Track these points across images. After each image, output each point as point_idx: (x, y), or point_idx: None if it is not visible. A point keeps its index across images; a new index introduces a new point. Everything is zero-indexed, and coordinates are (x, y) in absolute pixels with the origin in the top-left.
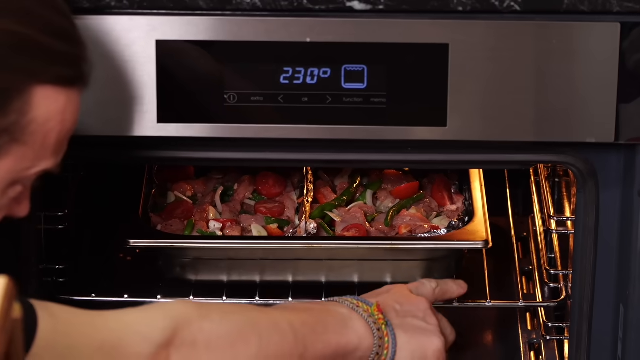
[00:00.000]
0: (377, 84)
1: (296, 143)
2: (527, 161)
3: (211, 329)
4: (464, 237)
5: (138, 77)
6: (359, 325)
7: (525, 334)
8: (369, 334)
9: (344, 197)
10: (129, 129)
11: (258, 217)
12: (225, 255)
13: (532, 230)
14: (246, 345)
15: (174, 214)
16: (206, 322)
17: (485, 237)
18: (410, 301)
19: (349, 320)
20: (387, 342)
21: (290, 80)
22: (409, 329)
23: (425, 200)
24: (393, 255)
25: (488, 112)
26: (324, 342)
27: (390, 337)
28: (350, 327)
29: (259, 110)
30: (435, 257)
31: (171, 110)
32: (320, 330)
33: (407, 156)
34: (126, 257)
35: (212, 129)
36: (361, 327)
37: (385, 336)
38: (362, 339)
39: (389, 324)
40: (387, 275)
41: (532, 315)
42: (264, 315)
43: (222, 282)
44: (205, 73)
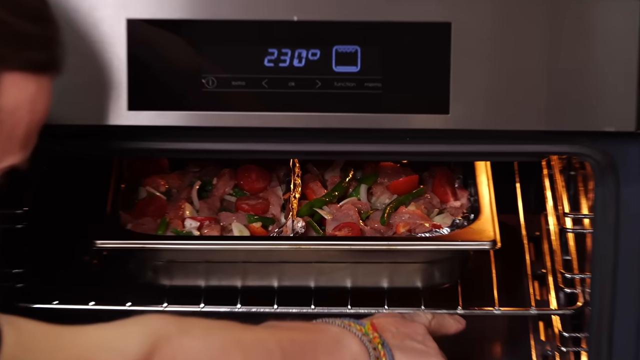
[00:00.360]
0: (371, 67)
1: (282, 132)
2: (539, 152)
3: (192, 345)
4: (469, 237)
5: (107, 60)
6: (353, 343)
7: (539, 346)
8: (364, 353)
9: (335, 192)
10: (96, 117)
11: (239, 214)
12: (202, 258)
13: (545, 229)
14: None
15: (146, 211)
16: (187, 338)
17: (493, 237)
18: (406, 325)
19: (341, 338)
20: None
21: (275, 63)
22: (407, 351)
23: (426, 196)
24: (390, 257)
25: (495, 98)
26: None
27: (387, 358)
28: (343, 345)
29: (241, 96)
30: (437, 259)
31: (143, 96)
32: (309, 348)
33: (405, 147)
34: (93, 260)
35: (189, 117)
36: (355, 346)
37: (383, 356)
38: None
39: (385, 343)
40: (384, 280)
41: (546, 325)
42: (249, 332)
43: (199, 288)
44: (181, 55)
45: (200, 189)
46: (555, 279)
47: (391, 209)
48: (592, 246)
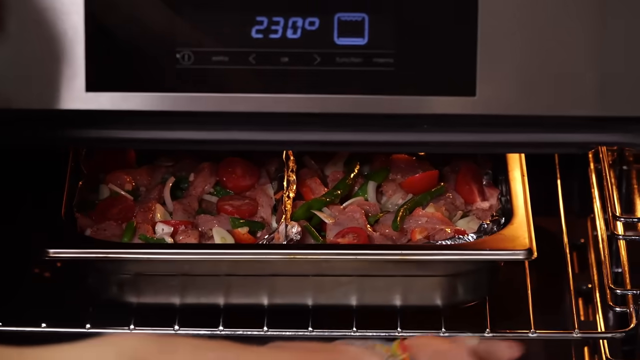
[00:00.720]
0: (381, 39)
1: (273, 118)
2: (585, 143)
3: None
4: (499, 246)
5: (60, 31)
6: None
7: None
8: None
9: (337, 191)
10: (46, 100)
11: (222, 218)
12: (177, 270)
13: (592, 235)
14: None
15: (109, 214)
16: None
17: (528, 245)
18: (445, 346)
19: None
20: None
21: (264, 34)
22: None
23: (448, 196)
24: (404, 270)
25: (531, 77)
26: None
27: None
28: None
29: (223, 74)
30: (461, 272)
31: (104, 75)
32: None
33: (422, 136)
34: (44, 273)
35: (160, 99)
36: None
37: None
38: None
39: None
40: (396, 297)
41: (592, 350)
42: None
43: (173, 306)
44: (150, 25)
45: (174, 187)
46: (604, 296)
47: (405, 211)
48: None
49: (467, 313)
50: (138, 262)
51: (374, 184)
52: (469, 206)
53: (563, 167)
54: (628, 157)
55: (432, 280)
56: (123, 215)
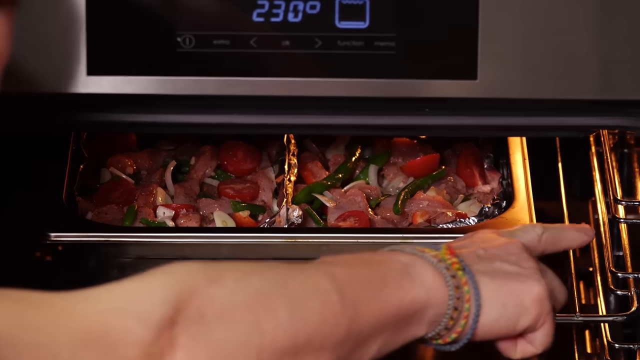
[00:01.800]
0: (383, 22)
1: (274, 102)
2: (586, 126)
3: (223, 297)
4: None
5: (61, 14)
6: (427, 273)
7: (584, 358)
8: (440, 283)
9: (338, 174)
10: (48, 84)
11: (223, 201)
12: (178, 254)
13: (593, 218)
14: (272, 315)
15: (110, 197)
16: (216, 288)
17: None
18: (498, 244)
19: (411, 268)
20: (467, 292)
21: (266, 17)
22: (496, 275)
23: (449, 179)
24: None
25: (532, 61)
26: (381, 300)
27: (470, 286)
28: (415, 277)
29: (224, 57)
30: None
31: (106, 58)
32: (375, 285)
33: (423, 120)
34: (45, 257)
35: (161, 83)
36: (429, 276)
37: (464, 284)
38: (432, 292)
39: (467, 269)
40: None
41: (593, 334)
42: (297, 273)
43: None
44: (151, 8)
45: (176, 171)
46: (605, 279)
47: (406, 194)
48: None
49: None
50: (139, 246)
51: (375, 168)
52: (470, 189)
53: (564, 150)
54: (629, 140)
55: None
56: (124, 199)
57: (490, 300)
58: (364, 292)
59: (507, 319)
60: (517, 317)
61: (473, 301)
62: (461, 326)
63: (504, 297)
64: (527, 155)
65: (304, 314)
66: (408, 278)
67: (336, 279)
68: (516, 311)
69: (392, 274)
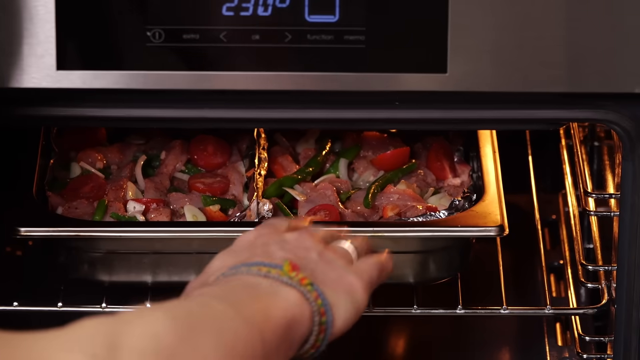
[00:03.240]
0: (352, 16)
1: (244, 96)
2: (556, 119)
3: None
4: (471, 222)
5: (30, 8)
6: (289, 292)
7: (555, 351)
8: (302, 300)
9: (309, 168)
10: (17, 78)
11: (193, 196)
12: (149, 248)
13: (564, 211)
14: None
15: (80, 192)
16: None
17: (500, 222)
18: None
19: (276, 288)
20: (322, 305)
21: (235, 11)
22: (330, 282)
23: (419, 172)
24: (375, 246)
25: (501, 54)
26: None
27: (320, 299)
28: (281, 296)
29: (194, 52)
30: (433, 248)
31: (75, 53)
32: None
33: (393, 113)
34: (15, 252)
35: (131, 77)
36: (293, 295)
37: (317, 299)
38: (300, 308)
39: (314, 284)
40: None
41: (564, 327)
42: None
43: (145, 284)
44: (121, 2)
45: (146, 165)
46: (575, 272)
47: (376, 188)
48: (619, 232)
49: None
50: (109, 240)
51: (346, 161)
52: (441, 183)
53: (534, 143)
54: (599, 133)
55: (404, 257)
56: (94, 194)
57: (336, 307)
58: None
59: (350, 317)
60: (356, 310)
61: (327, 313)
62: (320, 340)
63: (343, 301)
64: (497, 148)
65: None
66: (278, 298)
67: (237, 307)
68: (355, 307)
69: (265, 295)
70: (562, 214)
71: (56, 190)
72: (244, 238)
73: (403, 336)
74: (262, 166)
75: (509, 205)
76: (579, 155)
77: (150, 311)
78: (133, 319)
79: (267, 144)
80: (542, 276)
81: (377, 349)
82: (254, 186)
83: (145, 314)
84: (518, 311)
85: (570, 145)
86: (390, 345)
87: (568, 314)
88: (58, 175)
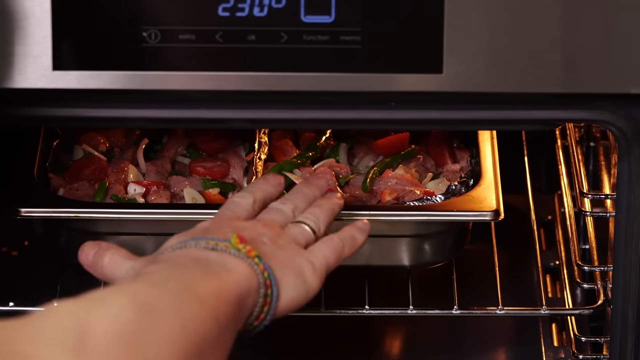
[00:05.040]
0: (348, 16)
1: (240, 97)
2: (552, 120)
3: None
4: (466, 207)
5: (26, 9)
6: (238, 265)
7: (550, 352)
8: (250, 272)
9: (309, 152)
10: (13, 78)
11: (193, 179)
12: (148, 229)
13: (559, 212)
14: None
15: (82, 174)
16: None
17: (495, 207)
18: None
19: (223, 261)
20: (268, 278)
21: (231, 11)
22: (279, 258)
23: (418, 158)
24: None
25: (497, 55)
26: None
27: (268, 272)
28: (231, 270)
29: (190, 52)
30: (428, 232)
31: (72, 53)
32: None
33: (389, 114)
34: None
35: (127, 78)
36: (241, 268)
37: (263, 271)
38: (249, 282)
39: (261, 257)
40: (363, 257)
41: (560, 327)
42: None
43: None
44: (117, 2)
45: (148, 149)
46: (571, 273)
47: (375, 172)
48: (614, 232)
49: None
50: (109, 222)
51: (345, 146)
52: (440, 168)
53: (530, 144)
54: (595, 133)
55: (399, 241)
56: (96, 176)
57: (282, 284)
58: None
59: (298, 297)
60: (306, 292)
61: (273, 286)
62: (264, 312)
63: (292, 280)
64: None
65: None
66: (230, 271)
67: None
68: (304, 288)
69: (215, 270)
70: (558, 214)
71: (58, 173)
72: (201, 224)
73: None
74: (262, 150)
75: (506, 206)
76: (575, 155)
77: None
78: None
79: (268, 129)
80: (538, 277)
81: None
82: (254, 170)
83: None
84: (514, 312)
85: (566, 145)
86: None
87: (564, 315)
88: (61, 158)
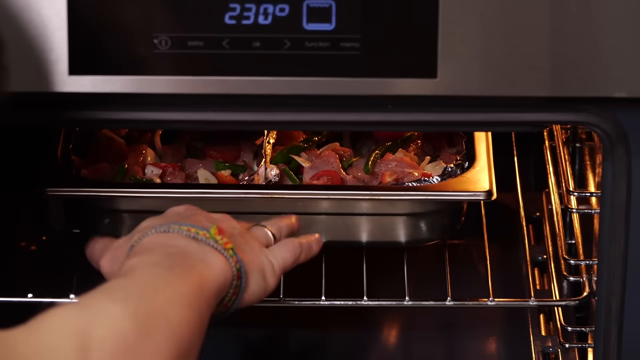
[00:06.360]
0: (348, 24)
1: (245, 100)
2: (540, 122)
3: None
4: (461, 187)
5: (43, 16)
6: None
7: (538, 341)
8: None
9: (315, 137)
10: (32, 83)
11: (207, 162)
12: (163, 208)
13: (547, 209)
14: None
15: (102, 157)
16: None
17: (488, 187)
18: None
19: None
20: (239, 269)
21: (237, 19)
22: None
23: (417, 142)
24: (370, 208)
25: (490, 59)
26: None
27: (240, 265)
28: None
29: (198, 58)
30: (424, 211)
31: (87, 59)
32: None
33: (386, 116)
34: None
35: (139, 82)
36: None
37: (236, 263)
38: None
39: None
40: (363, 234)
41: (547, 318)
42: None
43: None
44: (129, 11)
45: (165, 134)
46: (558, 266)
47: (377, 156)
48: (599, 228)
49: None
50: (128, 199)
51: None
52: (437, 152)
53: (520, 145)
54: (581, 134)
55: (397, 219)
56: (116, 158)
57: (249, 277)
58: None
59: (259, 292)
60: (265, 288)
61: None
62: (231, 301)
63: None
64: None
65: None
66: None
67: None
68: (264, 284)
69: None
70: (546, 211)
71: (80, 155)
72: (174, 209)
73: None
74: (271, 135)
75: (496, 203)
76: (562, 155)
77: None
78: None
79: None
80: (527, 270)
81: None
82: (263, 153)
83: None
84: (504, 303)
85: (554, 146)
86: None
87: (551, 306)
88: (83, 142)
